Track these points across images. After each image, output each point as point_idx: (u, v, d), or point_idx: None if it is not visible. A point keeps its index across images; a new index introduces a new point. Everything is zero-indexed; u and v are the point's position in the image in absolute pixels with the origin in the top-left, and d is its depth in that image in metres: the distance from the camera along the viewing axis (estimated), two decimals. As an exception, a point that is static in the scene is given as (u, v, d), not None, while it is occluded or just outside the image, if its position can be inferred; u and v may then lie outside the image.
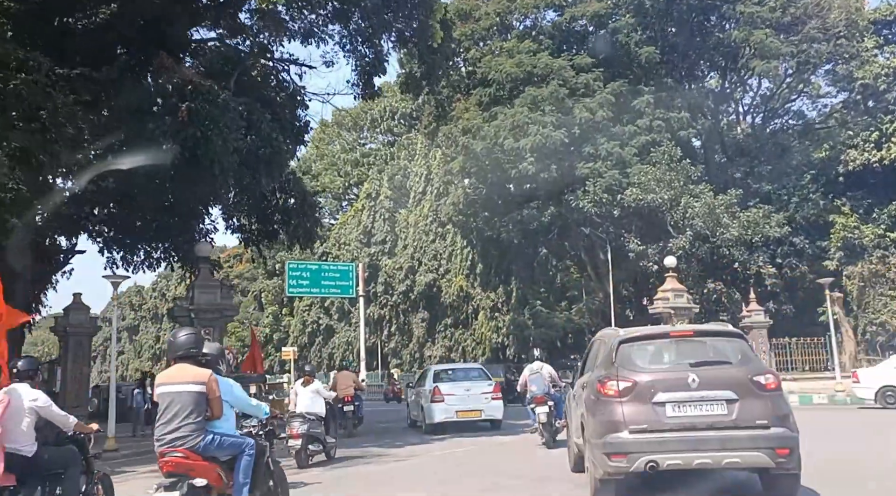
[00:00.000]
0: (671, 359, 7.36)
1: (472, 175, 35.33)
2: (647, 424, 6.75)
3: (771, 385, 6.92)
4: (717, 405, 6.74)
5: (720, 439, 6.64)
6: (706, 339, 7.56)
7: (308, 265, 46.63)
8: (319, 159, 61.99)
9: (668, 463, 6.66)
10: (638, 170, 31.65)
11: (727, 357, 7.21)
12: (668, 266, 27.06)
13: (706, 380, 6.81)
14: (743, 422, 6.68)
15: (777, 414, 6.79)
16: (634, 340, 7.52)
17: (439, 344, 43.42)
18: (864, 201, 31.95)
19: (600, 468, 6.97)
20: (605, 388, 7.06)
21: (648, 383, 6.91)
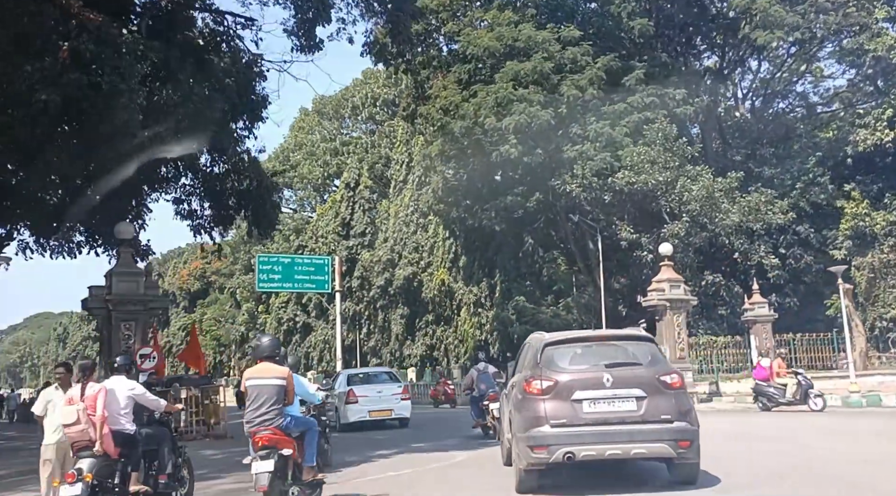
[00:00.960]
0: (589, 360, 7.89)
1: (451, 158, 32.72)
2: (565, 419, 7.40)
3: (675, 384, 7.62)
4: (628, 402, 7.42)
5: (629, 432, 7.33)
6: (620, 343, 8.27)
7: (280, 258, 43.85)
8: (298, 149, 59.24)
9: (583, 454, 7.33)
10: (630, 151, 29.12)
11: (638, 359, 7.85)
12: (663, 254, 24.51)
13: (619, 379, 7.48)
14: (650, 417, 7.36)
15: (680, 410, 7.51)
16: (558, 343, 8.14)
17: (420, 341, 40.81)
18: (874, 186, 29.48)
19: (524, 459, 7.67)
20: (530, 387, 7.69)
21: (568, 382, 7.55)
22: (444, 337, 39.22)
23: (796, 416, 17.23)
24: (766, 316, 25.06)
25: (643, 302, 24.29)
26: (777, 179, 30.63)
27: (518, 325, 32.65)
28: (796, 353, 27.46)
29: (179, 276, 78.69)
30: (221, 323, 65.29)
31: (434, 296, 39.51)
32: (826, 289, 32.34)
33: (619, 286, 32.80)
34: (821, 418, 16.80)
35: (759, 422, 16.35)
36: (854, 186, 29.35)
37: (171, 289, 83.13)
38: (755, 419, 17.46)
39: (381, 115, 53.69)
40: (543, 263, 33.81)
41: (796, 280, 31.84)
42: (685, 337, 23.78)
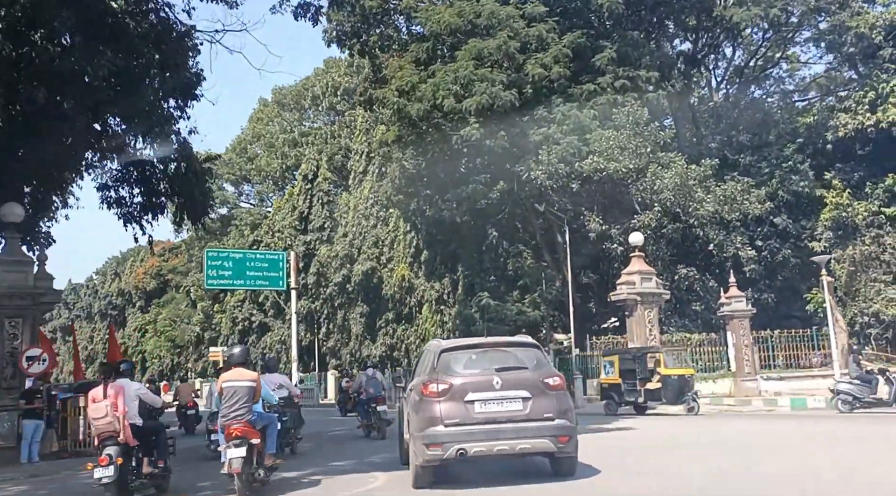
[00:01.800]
0: (481, 365, 8.47)
1: (409, 145, 30.50)
2: (459, 419, 7.99)
3: (557, 385, 8.32)
4: (515, 402, 8.08)
5: (516, 430, 7.99)
6: (510, 349, 8.88)
7: (231, 254, 41.22)
8: (256, 140, 56.56)
9: (474, 450, 7.95)
10: (599, 135, 27.17)
11: (525, 363, 8.48)
12: (633, 244, 22.61)
13: (507, 382, 8.13)
14: (534, 416, 8.03)
15: (560, 409, 8.18)
16: (453, 350, 8.74)
17: (380, 341, 38.50)
18: (854, 174, 27.95)
19: (420, 457, 8.17)
20: (427, 390, 8.23)
21: (462, 385, 8.15)
22: (404, 336, 36.97)
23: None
24: (744, 310, 23.28)
25: (612, 296, 22.35)
26: (754, 168, 28.97)
27: (482, 323, 30.51)
28: (774, 351, 25.85)
29: (135, 275, 75.36)
30: (177, 323, 62.25)
31: (394, 293, 37.27)
32: (803, 284, 30.81)
33: (588, 281, 30.86)
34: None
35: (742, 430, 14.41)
36: (834, 175, 27.75)
37: (126, 289, 79.86)
38: (739, 425, 15.53)
39: (342, 105, 51.29)
40: (508, 257, 31.75)
41: (773, 274, 30.20)
42: (657, 334, 21.89)
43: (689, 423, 15.69)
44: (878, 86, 26.31)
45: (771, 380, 23.10)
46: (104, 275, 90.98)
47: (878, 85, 26.29)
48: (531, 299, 29.89)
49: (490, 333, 33.54)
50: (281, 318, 47.49)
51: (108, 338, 25.58)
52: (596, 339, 27.14)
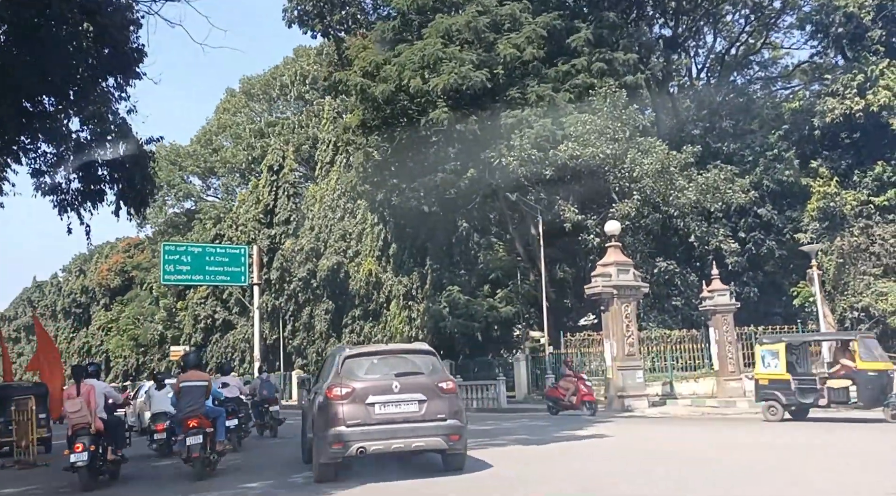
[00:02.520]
0: (381, 370, 9.07)
1: (374, 130, 28.66)
2: (360, 420, 8.59)
3: (450, 389, 8.94)
4: (412, 404, 8.69)
5: (412, 429, 8.61)
6: (408, 356, 9.54)
7: (189, 247, 39.14)
8: (221, 131, 54.32)
9: (373, 448, 8.58)
10: (574, 119, 25.55)
11: (421, 369, 9.11)
12: (609, 233, 20.97)
13: (405, 386, 8.73)
14: (429, 417, 8.67)
15: (452, 410, 8.83)
16: (356, 356, 9.34)
17: (346, 339, 36.54)
18: (842, 162, 26.56)
19: (323, 455, 8.79)
20: (331, 393, 8.77)
21: (363, 389, 8.75)
22: (372, 334, 35.08)
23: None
24: (728, 305, 21.71)
25: (586, 289, 20.69)
26: (737, 156, 27.52)
27: (451, 319, 28.81)
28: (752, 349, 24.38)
29: (100, 272, 72.62)
30: (140, 321, 59.78)
31: (361, 289, 35.36)
32: (786, 278, 29.47)
33: (563, 275, 29.22)
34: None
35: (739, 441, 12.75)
36: (821, 163, 26.33)
37: (91, 286, 77.07)
38: (728, 431, 13.88)
39: (311, 95, 49.23)
40: (479, 250, 30.03)
41: (756, 268, 28.79)
42: (635, 330, 20.27)
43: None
44: (867, 68, 24.91)
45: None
46: (70, 272, 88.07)
47: (868, 67, 24.89)
48: (503, 294, 28.20)
49: (454, 331, 31.95)
50: (245, 316, 45.38)
51: (36, 333, 23.42)
52: (570, 336, 25.51)
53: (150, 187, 23.22)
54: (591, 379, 24.64)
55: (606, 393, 20.47)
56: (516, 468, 9.58)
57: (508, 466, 9.64)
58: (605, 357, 20.28)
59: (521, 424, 15.95)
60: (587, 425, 14.72)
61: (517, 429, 14.58)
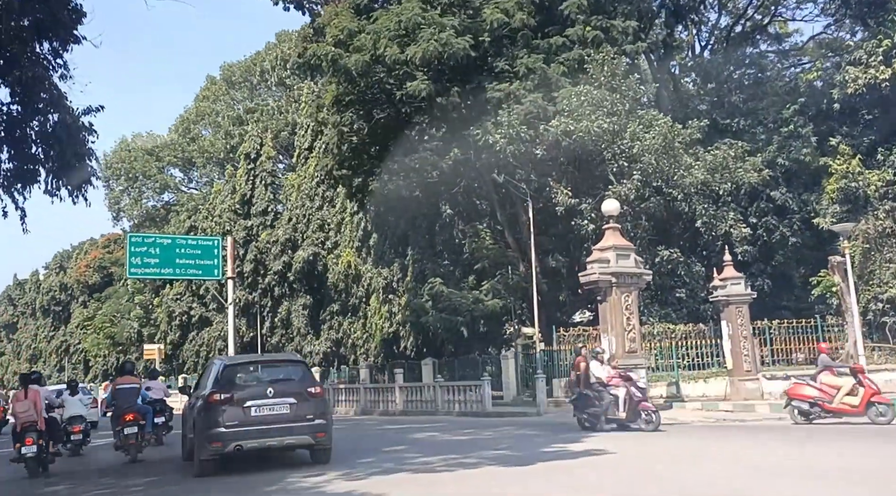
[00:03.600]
0: (257, 378, 10.39)
1: (348, 106, 26.08)
2: (237, 421, 9.60)
3: (317, 393, 10.18)
4: (284, 407, 9.79)
5: (283, 429, 9.74)
6: (281, 365, 11.28)
7: (158, 239, 36.34)
8: (200, 120, 51.71)
9: (249, 445, 9.66)
10: (568, 92, 23.01)
11: (292, 376, 10.45)
12: (607, 213, 18.45)
13: (278, 391, 9.89)
14: (298, 418, 9.80)
15: (319, 411, 10.00)
16: (234, 365, 10.73)
17: (324, 336, 34.05)
18: (864, 138, 24.06)
19: (204, 453, 9.85)
20: (212, 398, 9.79)
21: (241, 394, 9.81)
22: (351, 330, 32.56)
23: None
24: (743, 295, 19.24)
25: (581, 277, 18.16)
26: (748, 133, 24.98)
27: (434, 313, 26.28)
28: (773, 345, 21.92)
29: (78, 268, 70.00)
30: (118, 319, 57.15)
31: (339, 282, 32.81)
32: (799, 268, 27.05)
33: (555, 264, 26.66)
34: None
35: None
36: (841, 140, 23.81)
37: (69, 283, 74.43)
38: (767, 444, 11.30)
39: (291, 79, 46.61)
40: (464, 237, 27.46)
41: (768, 257, 26.31)
42: (636, 323, 17.74)
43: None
44: (893, 34, 22.39)
45: (776, 380, 19.03)
46: (50, 269, 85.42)
47: (894, 33, 22.37)
48: (489, 285, 25.63)
49: (436, 327, 29.25)
50: (223, 312, 42.86)
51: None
52: (564, 332, 22.97)
53: (89, 165, 20.60)
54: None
55: (604, 395, 17.93)
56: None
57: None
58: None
59: (505, 434, 13.43)
60: (585, 437, 12.19)
61: (498, 441, 12.06)
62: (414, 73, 23.55)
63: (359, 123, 26.35)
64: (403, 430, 15.38)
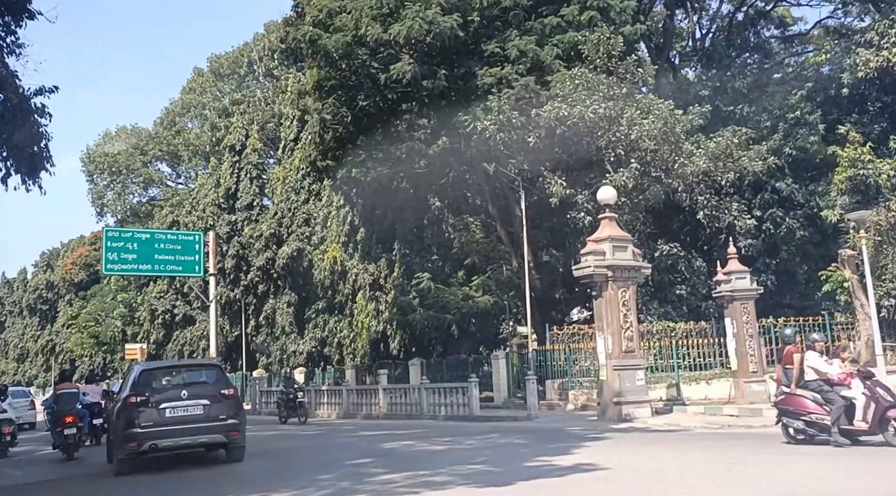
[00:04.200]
0: (173, 380, 11.10)
1: (330, 92, 24.71)
2: (152, 422, 10.21)
3: (230, 395, 10.81)
4: (198, 408, 10.46)
5: (197, 428, 10.34)
6: (195, 369, 12.34)
7: (135, 233, 35.09)
8: (186, 112, 50.29)
9: (164, 444, 10.27)
10: (562, 76, 21.71)
11: (207, 379, 11.18)
12: (603, 202, 17.10)
13: (193, 393, 10.58)
14: (212, 418, 10.43)
15: (231, 412, 10.66)
16: (152, 370, 11.50)
17: (309, 335, 32.69)
18: (875, 126, 22.76)
19: (121, 451, 10.49)
20: (129, 401, 10.44)
21: (157, 397, 10.44)
22: (337, 329, 31.19)
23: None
24: (748, 290, 17.91)
25: (575, 270, 16.82)
26: (753, 120, 23.66)
27: (421, 311, 24.94)
28: (777, 344, 20.58)
29: (64, 266, 68.58)
30: (102, 317, 55.71)
31: (325, 279, 31.44)
32: (803, 265, 25.78)
33: (550, 259, 25.34)
34: None
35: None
36: (850, 127, 22.47)
37: (55, 281, 73.03)
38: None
39: (279, 70, 45.18)
40: (454, 231, 26.10)
41: (773, 252, 25.02)
42: (634, 320, 16.39)
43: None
44: (909, 14, 21.10)
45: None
46: (38, 266, 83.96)
47: (910, 13, 21.08)
48: (480, 281, 24.26)
49: (424, 325, 27.81)
50: (207, 310, 41.44)
51: None
52: (558, 331, 21.64)
53: (42, 147, 19.21)
54: (583, 380, 20.98)
55: (599, 398, 16.63)
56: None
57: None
58: (598, 354, 16.41)
59: (488, 443, 12.07)
60: (576, 447, 10.86)
61: (477, 453, 10.71)
62: (398, 54, 22.24)
63: (342, 110, 24.93)
64: (379, 438, 14.04)
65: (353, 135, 26.54)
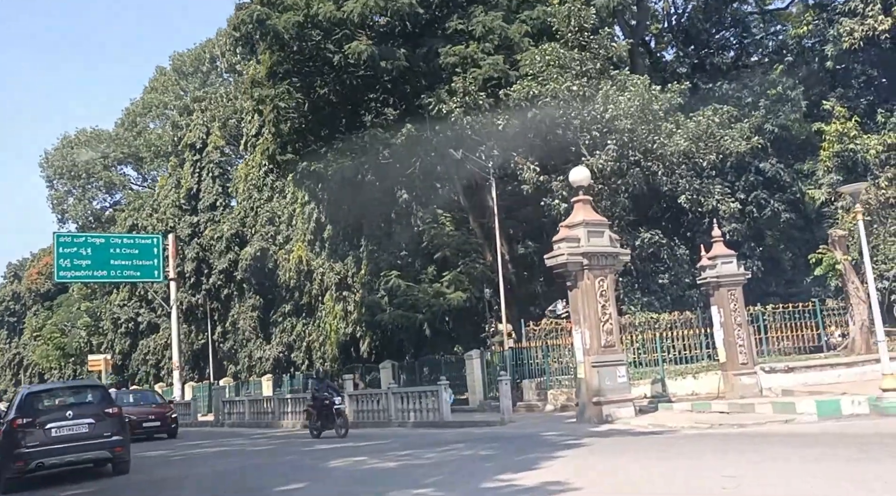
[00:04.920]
0: (58, 401, 11.81)
1: (284, 78, 23.12)
2: (38, 441, 10.68)
3: (114, 413, 11.46)
4: (83, 427, 11.02)
5: (82, 446, 10.92)
6: (80, 390, 12.70)
7: (89, 238, 33.46)
8: (147, 112, 48.33)
9: (50, 462, 10.64)
10: (531, 54, 20.31)
11: (91, 399, 11.84)
12: (576, 184, 15.64)
13: (78, 413, 11.15)
14: (96, 435, 11.06)
15: (115, 429, 11.31)
16: (37, 392, 12.16)
17: (276, 340, 31.00)
18: (861, 99, 21.54)
19: (8, 471, 10.70)
20: (14, 423, 10.81)
21: (43, 417, 10.93)
22: (305, 333, 29.54)
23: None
24: (735, 275, 16.58)
25: (547, 259, 15.37)
26: (733, 98, 22.37)
27: (391, 310, 23.39)
28: (768, 332, 19.34)
29: (29, 276, 66.18)
30: (68, 328, 53.55)
31: (291, 280, 29.78)
32: (787, 251, 24.64)
33: (525, 251, 23.91)
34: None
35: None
36: (835, 102, 21.26)
37: (21, 292, 70.55)
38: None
39: (243, 65, 43.35)
40: (424, 224, 24.59)
41: (759, 237, 23.81)
42: (613, 312, 14.95)
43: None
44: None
45: (776, 373, 16.43)
46: (6, 277, 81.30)
47: (894, -23, 19.88)
48: (451, 276, 22.76)
49: (395, 325, 26.11)
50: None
51: None
52: (534, 326, 20.20)
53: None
54: (562, 378, 19.60)
55: (578, 397, 15.19)
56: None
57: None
58: (575, 350, 14.97)
59: (450, 456, 10.58)
60: (548, 458, 9.39)
61: (434, 470, 9.20)
62: (354, 34, 20.72)
63: (298, 98, 23.37)
64: (331, 453, 12.49)
65: (313, 125, 25.01)
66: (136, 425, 19.38)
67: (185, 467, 12.71)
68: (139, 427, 19.94)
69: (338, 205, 28.11)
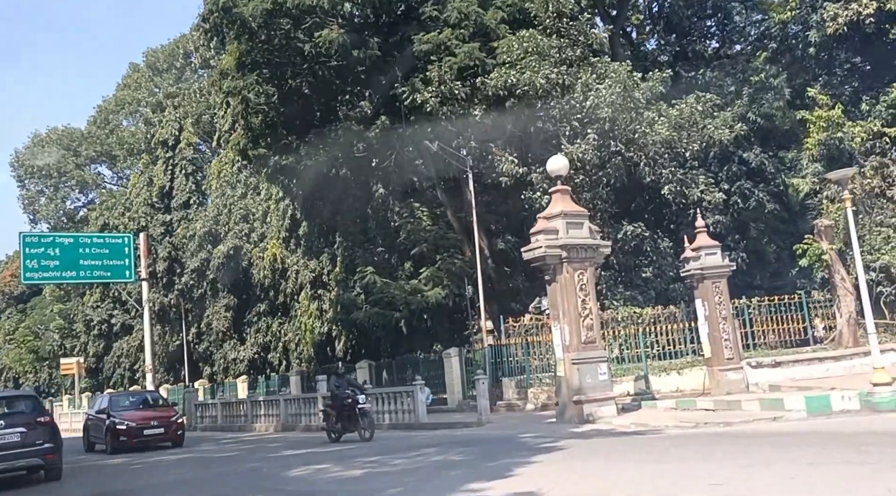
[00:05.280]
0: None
1: (254, 68, 22.26)
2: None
3: (46, 422, 11.75)
4: (15, 435, 11.19)
5: (15, 454, 11.10)
6: (13, 400, 12.82)
7: (57, 238, 32.28)
8: (120, 109, 47.15)
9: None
10: (508, 41, 19.64)
11: (24, 409, 11.96)
12: (554, 173, 14.98)
13: (10, 422, 11.33)
14: (29, 444, 11.25)
15: (47, 438, 11.52)
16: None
17: (251, 340, 30.13)
18: (846, 86, 21.07)
19: None
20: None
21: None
22: (280, 332, 28.71)
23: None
24: (720, 267, 16.00)
25: (524, 252, 14.70)
26: (717, 85, 21.84)
27: (367, 308, 22.63)
28: (753, 326, 18.83)
29: (2, 278, 64.53)
30: (42, 331, 52.21)
31: (266, 278, 28.93)
32: (771, 244, 24.16)
33: (505, 245, 23.25)
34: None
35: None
36: (819, 90, 20.77)
37: (-6, 295, 68.82)
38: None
39: (216, 60, 42.32)
40: (400, 219, 23.85)
41: (743, 228, 23.29)
42: (594, 307, 14.31)
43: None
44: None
45: (762, 368, 15.90)
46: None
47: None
48: (429, 273, 22.06)
49: (371, 324, 25.28)
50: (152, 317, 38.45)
51: None
52: (514, 323, 19.56)
53: None
54: (543, 376, 18.99)
55: (558, 396, 14.55)
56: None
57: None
58: (555, 347, 14.32)
59: (419, 463, 9.88)
60: (522, 463, 8.71)
61: (399, 479, 8.49)
62: (325, 22, 19.93)
63: (268, 89, 22.50)
64: (295, 460, 11.76)
65: (286, 118, 24.16)
66: (135, 433, 17.10)
67: (132, 478, 11.96)
68: (139, 435, 17.23)
69: (312, 200, 27.31)
